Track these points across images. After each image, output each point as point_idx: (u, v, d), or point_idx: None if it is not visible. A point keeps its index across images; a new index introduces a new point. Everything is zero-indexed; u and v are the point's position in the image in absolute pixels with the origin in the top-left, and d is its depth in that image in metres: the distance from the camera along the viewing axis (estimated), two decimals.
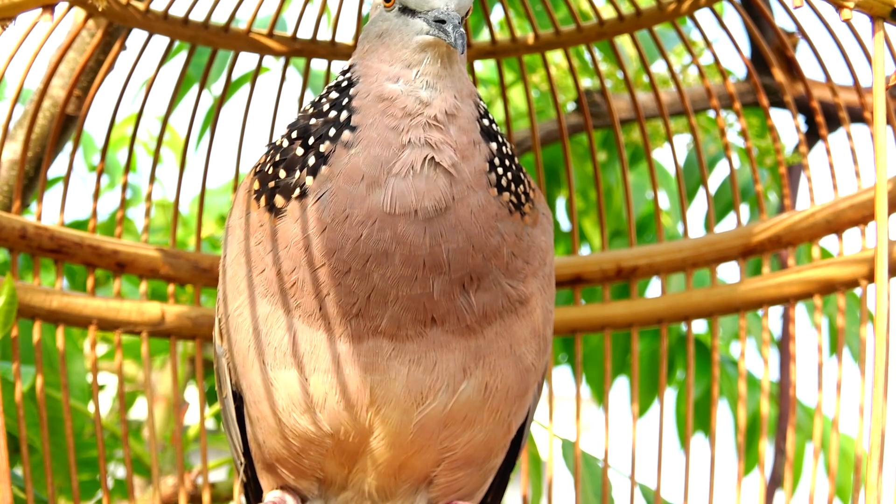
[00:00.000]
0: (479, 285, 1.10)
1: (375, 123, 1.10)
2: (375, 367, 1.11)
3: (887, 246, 1.08)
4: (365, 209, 1.08)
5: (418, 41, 1.11)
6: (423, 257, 1.08)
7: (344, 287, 1.09)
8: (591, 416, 2.50)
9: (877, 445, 1.04)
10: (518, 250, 1.13)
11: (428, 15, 1.10)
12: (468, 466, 1.18)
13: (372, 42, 1.14)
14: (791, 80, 1.83)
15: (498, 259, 1.11)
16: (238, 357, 1.17)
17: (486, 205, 1.10)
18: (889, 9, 1.08)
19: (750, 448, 1.91)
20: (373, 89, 1.11)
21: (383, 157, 1.08)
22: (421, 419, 1.13)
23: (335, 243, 1.08)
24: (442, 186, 1.08)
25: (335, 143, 1.10)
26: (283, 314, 1.12)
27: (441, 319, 1.10)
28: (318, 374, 1.12)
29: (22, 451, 1.38)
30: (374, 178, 1.08)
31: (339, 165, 1.09)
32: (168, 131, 2.12)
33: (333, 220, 1.08)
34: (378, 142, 1.09)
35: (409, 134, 1.09)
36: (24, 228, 1.43)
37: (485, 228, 1.10)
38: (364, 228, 1.08)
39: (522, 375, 1.16)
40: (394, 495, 1.19)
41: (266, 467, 1.21)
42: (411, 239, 1.08)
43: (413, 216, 1.07)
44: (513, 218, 1.13)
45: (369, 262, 1.08)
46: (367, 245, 1.08)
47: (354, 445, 1.15)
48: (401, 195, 1.07)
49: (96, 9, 1.39)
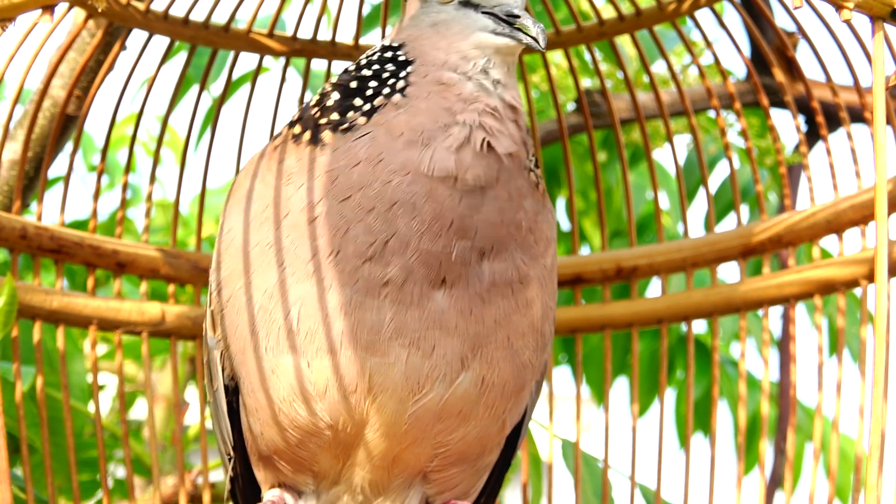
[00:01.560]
0: (496, 256, 1.12)
1: (428, 98, 1.12)
2: (375, 347, 1.10)
3: (887, 246, 1.08)
4: (399, 161, 1.10)
5: (482, 39, 1.14)
6: (453, 219, 1.10)
7: (364, 224, 1.10)
8: (591, 416, 2.50)
9: (877, 446, 1.04)
10: (534, 226, 1.16)
11: (495, 9, 1.13)
12: (461, 463, 1.18)
13: (423, 31, 1.16)
14: (791, 80, 1.82)
15: (518, 232, 1.14)
16: (237, 344, 1.15)
17: (521, 188, 1.14)
18: (889, 9, 1.08)
19: (750, 448, 1.91)
20: (430, 72, 1.14)
21: (427, 126, 1.11)
22: (416, 410, 1.12)
23: (364, 179, 1.10)
24: (487, 167, 1.11)
25: (388, 100, 1.13)
26: (293, 280, 1.11)
27: (451, 282, 1.11)
28: (320, 358, 1.11)
29: (22, 451, 1.38)
30: (412, 139, 1.10)
31: (384, 117, 1.12)
32: (168, 131, 2.12)
33: (367, 158, 1.10)
34: (425, 112, 1.11)
35: (462, 115, 1.11)
36: (24, 228, 1.43)
37: (516, 207, 1.13)
38: (396, 176, 1.10)
39: (519, 371, 1.16)
40: (386, 490, 1.19)
41: (262, 460, 1.20)
42: (445, 201, 1.10)
43: (452, 183, 1.10)
44: (535, 196, 1.16)
45: (395, 206, 1.09)
46: (396, 191, 1.09)
47: (351, 437, 1.15)
48: (441, 160, 1.10)
49: (96, 9, 1.39)
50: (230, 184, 1.16)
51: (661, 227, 1.55)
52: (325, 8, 1.52)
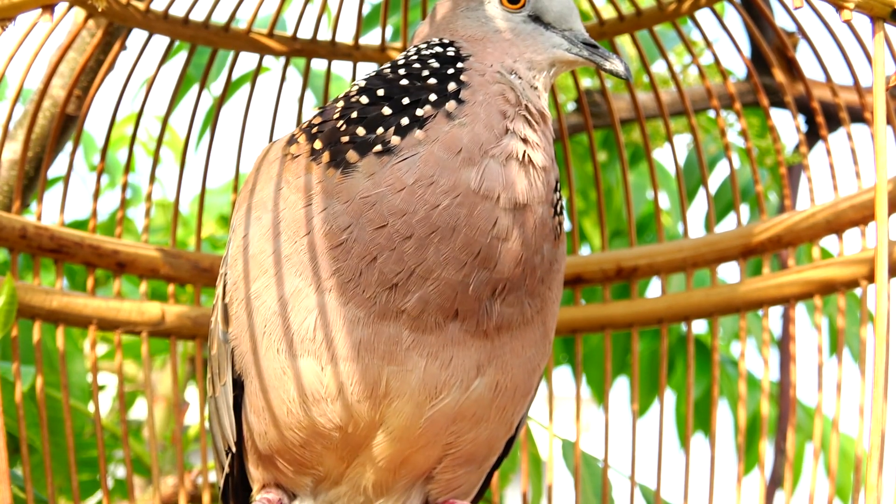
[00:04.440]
0: (506, 298, 1.10)
1: (485, 103, 1.10)
2: (393, 356, 1.10)
3: (887, 246, 1.08)
4: (452, 181, 1.07)
5: (555, 55, 1.16)
6: (481, 246, 1.07)
7: (396, 254, 1.07)
8: (591, 416, 2.50)
9: (877, 446, 1.04)
10: (547, 278, 1.14)
11: (566, 33, 1.17)
12: (469, 464, 1.18)
13: (486, 33, 1.16)
14: (791, 81, 1.83)
15: (531, 279, 1.12)
16: (250, 343, 1.14)
17: (544, 221, 1.12)
18: (889, 9, 1.08)
19: (750, 448, 1.91)
20: (489, 70, 1.13)
21: (485, 138, 1.09)
22: (432, 414, 1.12)
23: (409, 206, 1.07)
24: (526, 182, 1.09)
25: (437, 109, 1.09)
26: (311, 291, 1.10)
27: (463, 316, 1.09)
28: (336, 363, 1.10)
29: (22, 451, 1.38)
30: (471, 154, 1.08)
31: (437, 132, 1.08)
32: (168, 131, 2.12)
33: (416, 182, 1.07)
34: (484, 121, 1.09)
35: (513, 123, 1.10)
36: (24, 228, 1.43)
37: (536, 243, 1.11)
38: (446, 198, 1.07)
39: (529, 375, 1.17)
40: (390, 491, 1.19)
41: (262, 459, 1.19)
42: (482, 224, 1.07)
43: (495, 202, 1.08)
44: (553, 245, 1.14)
45: (434, 233, 1.07)
46: (442, 216, 1.07)
47: (360, 438, 1.14)
48: (490, 177, 1.07)
49: (96, 9, 1.39)
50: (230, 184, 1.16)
51: (661, 227, 1.55)
52: (325, 8, 1.52)
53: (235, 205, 1.20)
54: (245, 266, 1.15)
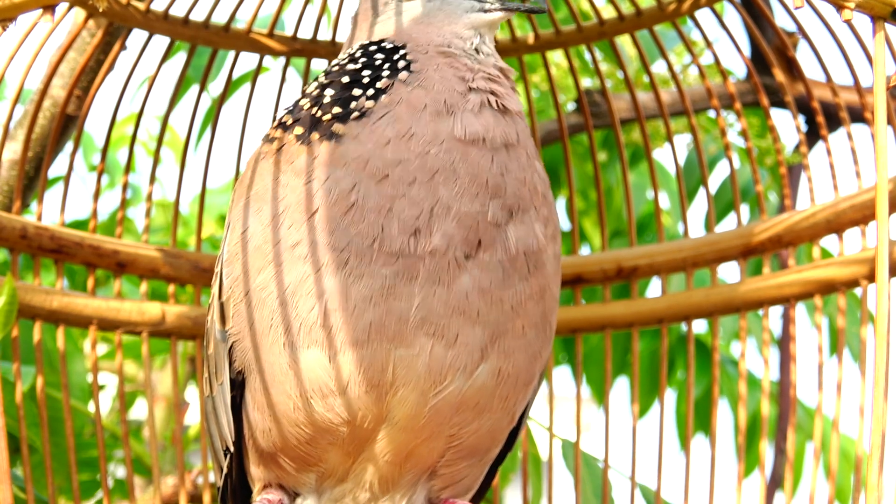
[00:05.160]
0: (521, 218, 1.14)
1: (438, 69, 1.15)
2: (402, 337, 1.10)
3: (888, 246, 1.08)
4: (431, 131, 1.12)
5: (474, 18, 1.19)
6: (488, 178, 1.12)
7: (408, 199, 1.10)
8: (591, 416, 2.50)
9: (877, 446, 1.04)
10: (546, 200, 1.19)
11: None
12: (472, 456, 1.18)
13: (402, 27, 1.19)
14: (791, 80, 1.83)
15: (535, 199, 1.16)
16: (255, 338, 1.14)
17: (532, 154, 1.18)
18: (890, 9, 1.08)
19: (750, 448, 1.91)
20: (430, 48, 1.17)
21: (446, 94, 1.13)
22: (436, 403, 1.12)
23: (400, 155, 1.11)
24: (508, 125, 1.15)
25: (392, 79, 1.14)
26: (320, 275, 1.10)
27: (486, 245, 1.12)
28: (343, 352, 1.10)
29: (22, 451, 1.38)
30: (438, 109, 1.13)
31: (398, 95, 1.13)
32: (168, 131, 2.12)
33: (397, 135, 1.11)
34: (440, 82, 1.14)
35: (474, 83, 1.15)
36: (24, 228, 1.43)
37: (532, 169, 1.17)
38: (432, 146, 1.11)
39: (531, 362, 1.17)
40: (396, 486, 1.19)
41: (263, 458, 1.19)
42: (479, 161, 1.12)
43: (481, 144, 1.12)
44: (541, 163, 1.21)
45: (437, 174, 1.11)
46: (435, 160, 1.11)
47: (366, 432, 1.14)
48: (470, 124, 1.12)
49: (96, 9, 1.39)
50: (230, 184, 1.16)
51: (661, 227, 1.55)
52: (325, 8, 1.52)
53: (231, 202, 1.20)
54: (246, 260, 1.15)
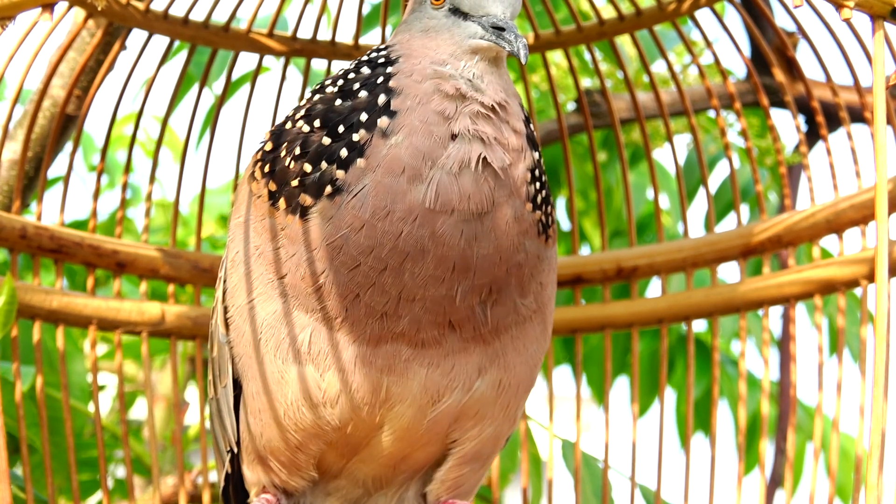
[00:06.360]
0: (497, 299, 1.09)
1: (419, 108, 1.06)
2: (393, 369, 1.10)
3: (887, 246, 1.08)
4: (406, 205, 1.04)
5: (471, 44, 1.10)
6: (454, 259, 1.06)
7: (378, 287, 1.06)
8: (591, 416, 2.50)
9: (877, 445, 1.04)
10: (536, 272, 1.12)
11: (483, 20, 1.10)
12: (475, 461, 1.18)
13: (414, 35, 1.13)
14: (791, 80, 1.83)
15: (518, 277, 1.10)
16: (245, 348, 1.15)
17: (519, 217, 1.09)
18: (889, 8, 1.08)
19: (750, 448, 1.91)
20: (417, 69, 1.09)
21: (427, 148, 1.05)
22: (435, 416, 1.12)
23: (374, 241, 1.05)
24: (487, 189, 1.06)
25: (371, 133, 1.06)
26: (301, 314, 1.10)
27: (458, 325, 1.09)
28: (333, 372, 1.10)
29: (22, 451, 1.38)
30: (416, 170, 1.05)
31: (377, 157, 1.05)
32: (168, 131, 2.12)
33: (373, 216, 1.05)
34: (421, 130, 1.06)
35: (458, 124, 1.06)
36: (24, 228, 1.43)
37: (514, 242, 1.09)
38: (405, 225, 1.05)
39: (531, 370, 1.17)
40: (389, 484, 1.19)
41: (257, 459, 1.19)
42: (447, 239, 1.05)
43: (450, 214, 1.05)
44: (539, 239, 1.11)
45: (406, 259, 1.05)
46: (407, 242, 1.05)
47: (360, 438, 1.14)
48: (444, 191, 1.05)
49: (96, 9, 1.39)
50: (230, 184, 1.16)
51: (661, 227, 1.55)
52: (325, 8, 1.52)
53: (232, 209, 1.20)
54: (238, 279, 1.15)
